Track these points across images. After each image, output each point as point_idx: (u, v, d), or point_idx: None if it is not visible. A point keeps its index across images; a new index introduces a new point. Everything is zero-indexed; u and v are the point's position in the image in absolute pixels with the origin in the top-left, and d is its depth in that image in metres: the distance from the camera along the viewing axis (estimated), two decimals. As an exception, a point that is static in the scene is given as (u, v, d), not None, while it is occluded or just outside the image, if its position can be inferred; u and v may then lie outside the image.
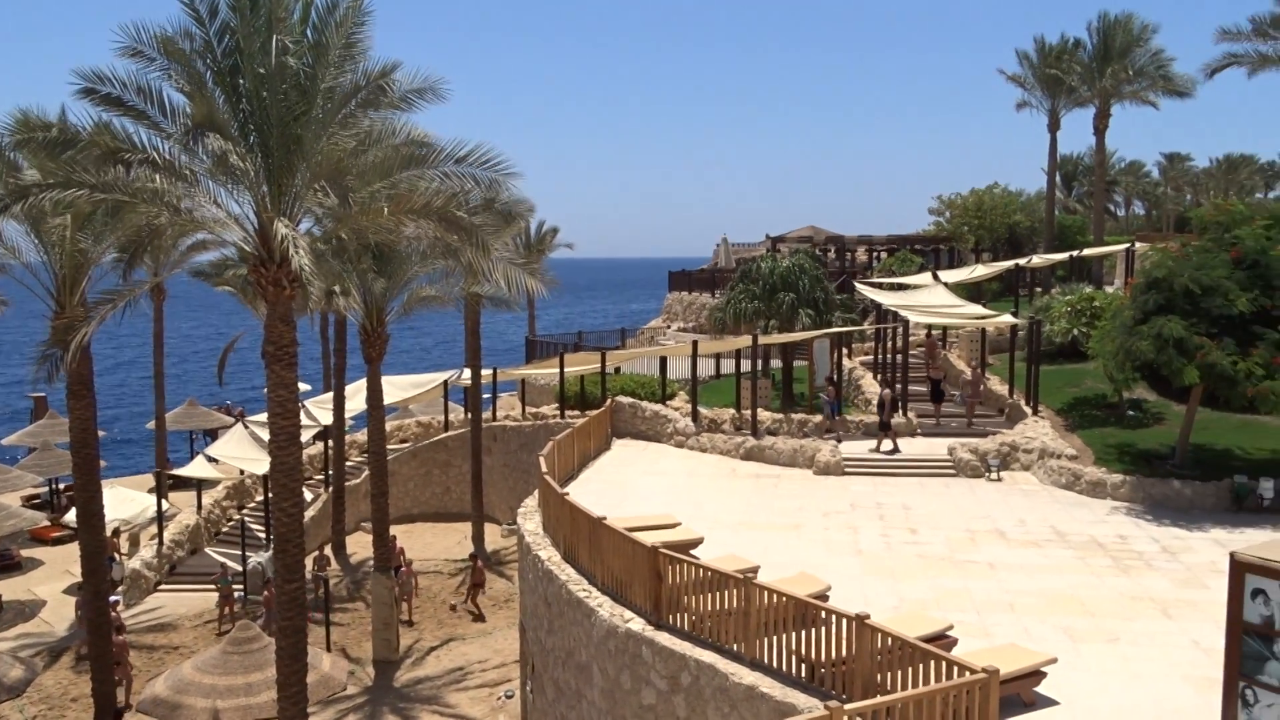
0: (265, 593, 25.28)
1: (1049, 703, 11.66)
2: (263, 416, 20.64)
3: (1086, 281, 42.75)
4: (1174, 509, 20.52)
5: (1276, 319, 19.80)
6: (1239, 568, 8.71)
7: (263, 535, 30.83)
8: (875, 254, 57.87)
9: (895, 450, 24.94)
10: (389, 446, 34.43)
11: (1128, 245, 43.57)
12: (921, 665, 10.48)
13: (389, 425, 36.34)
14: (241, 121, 15.34)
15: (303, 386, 31.55)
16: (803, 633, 11.89)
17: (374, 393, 26.47)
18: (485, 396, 36.01)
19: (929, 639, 11.71)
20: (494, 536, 33.01)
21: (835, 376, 28.59)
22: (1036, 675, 11.76)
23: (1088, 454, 23.40)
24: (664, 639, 13.38)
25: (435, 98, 16.14)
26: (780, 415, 28.09)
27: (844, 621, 11.30)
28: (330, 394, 34.87)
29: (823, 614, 11.74)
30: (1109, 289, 37.93)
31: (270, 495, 19.75)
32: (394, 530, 28.13)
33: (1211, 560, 16.99)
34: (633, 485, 22.91)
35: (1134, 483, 21.32)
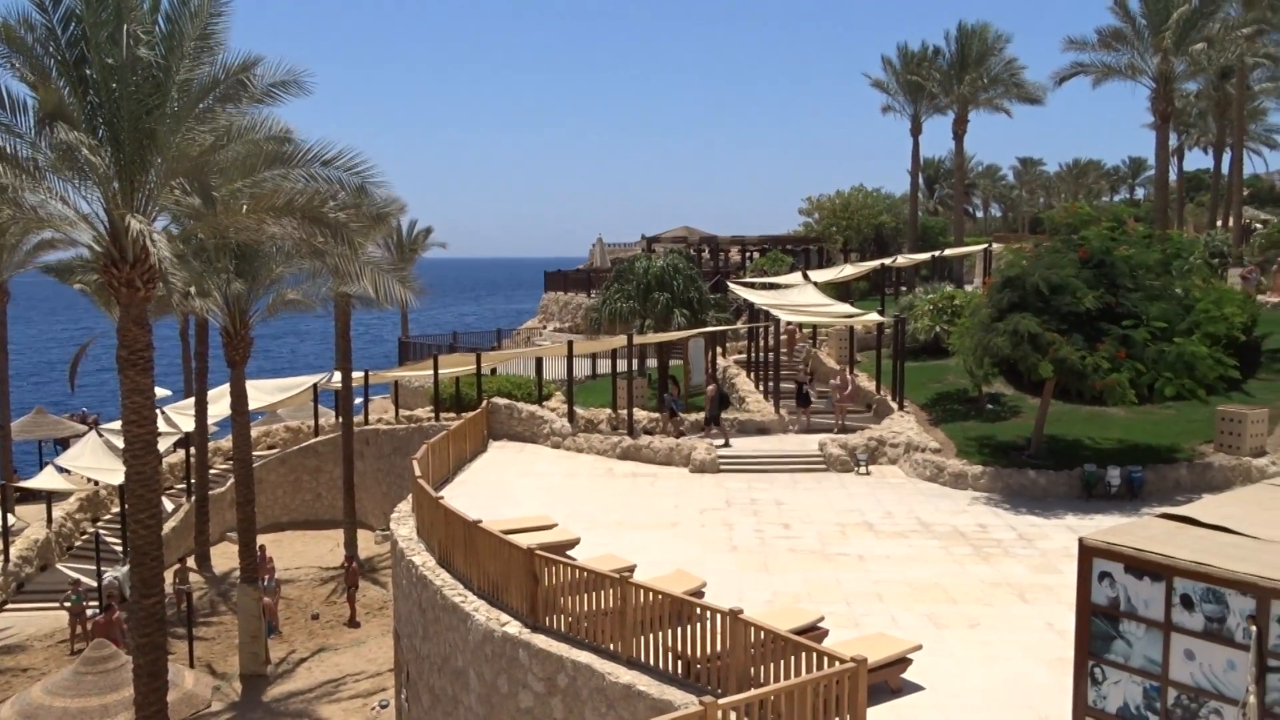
0: (99, 616, 23.46)
1: (915, 688, 12.06)
2: (118, 424, 19.68)
3: (948, 281, 44.43)
4: (1030, 498, 21.49)
5: (1120, 315, 20.93)
6: (1087, 552, 9.15)
7: (119, 548, 29.38)
8: (748, 254, 58.87)
9: (726, 444, 25.47)
10: (256, 453, 33.30)
11: (986, 246, 45.53)
12: (793, 657, 10.69)
13: (256, 431, 35.14)
14: (90, 114, 14.60)
15: (161, 392, 30.20)
16: (679, 630, 11.99)
17: (238, 398, 25.57)
18: (357, 400, 35.15)
19: (801, 631, 11.96)
20: (367, 543, 32.27)
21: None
22: (903, 662, 12.15)
23: (950, 447, 24.30)
24: (541, 641, 13.31)
25: (299, 90, 15.69)
26: (657, 414, 28.31)
27: (718, 617, 11.45)
28: (192, 399, 33.50)
29: (698, 610, 11.88)
30: (969, 288, 39.52)
31: (126, 506, 18.83)
32: (262, 539, 27.22)
33: (1064, 546, 17.84)
34: (509, 487, 22.72)
35: (993, 473, 22.24)
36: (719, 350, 35.71)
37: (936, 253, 45.52)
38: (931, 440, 24.63)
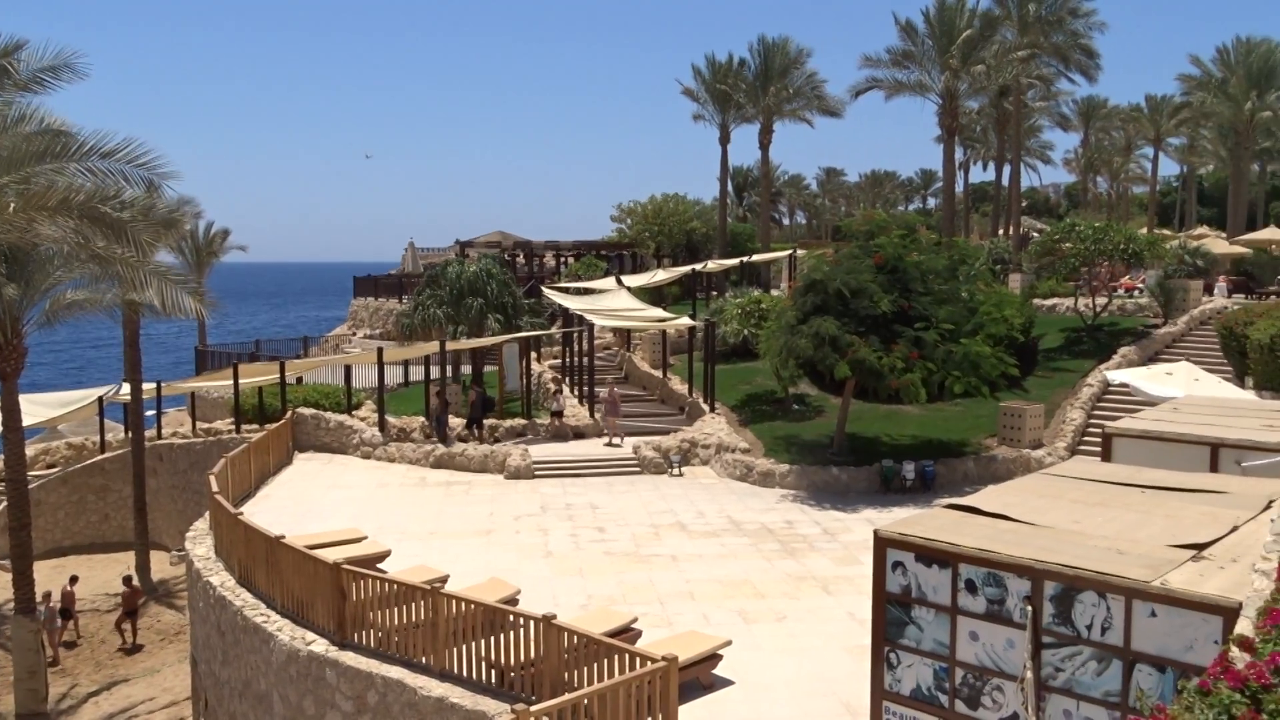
0: None
1: (726, 683, 12.32)
2: None
3: (756, 285, 45.82)
4: (833, 493, 22.41)
5: (912, 318, 22.13)
6: (881, 543, 9.58)
7: None
8: (563, 259, 58.98)
9: (481, 444, 25.45)
10: (33, 473, 30.71)
11: (791, 251, 47.24)
12: (607, 660, 10.72)
13: (33, 449, 32.46)
14: None
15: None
16: (493, 639, 11.82)
17: (10, 413, 23.41)
18: (149, 413, 33.00)
19: (615, 633, 12.02)
20: (162, 565, 30.31)
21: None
22: (714, 658, 12.39)
23: (759, 447, 25.06)
24: (349, 658, 12.84)
25: (72, 75, 14.60)
26: (483, 419, 27.88)
27: (532, 624, 11.36)
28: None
29: (511, 618, 11.76)
30: (775, 292, 40.87)
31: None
32: (45, 566, 25.12)
33: (864, 539, 18.61)
34: (316, 500, 21.87)
35: (799, 471, 23.08)
36: (534, 355, 35.59)
37: (745, 258, 46.89)
38: (741, 441, 25.32)
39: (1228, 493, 10.02)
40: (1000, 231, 57.06)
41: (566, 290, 39.05)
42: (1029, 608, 8.37)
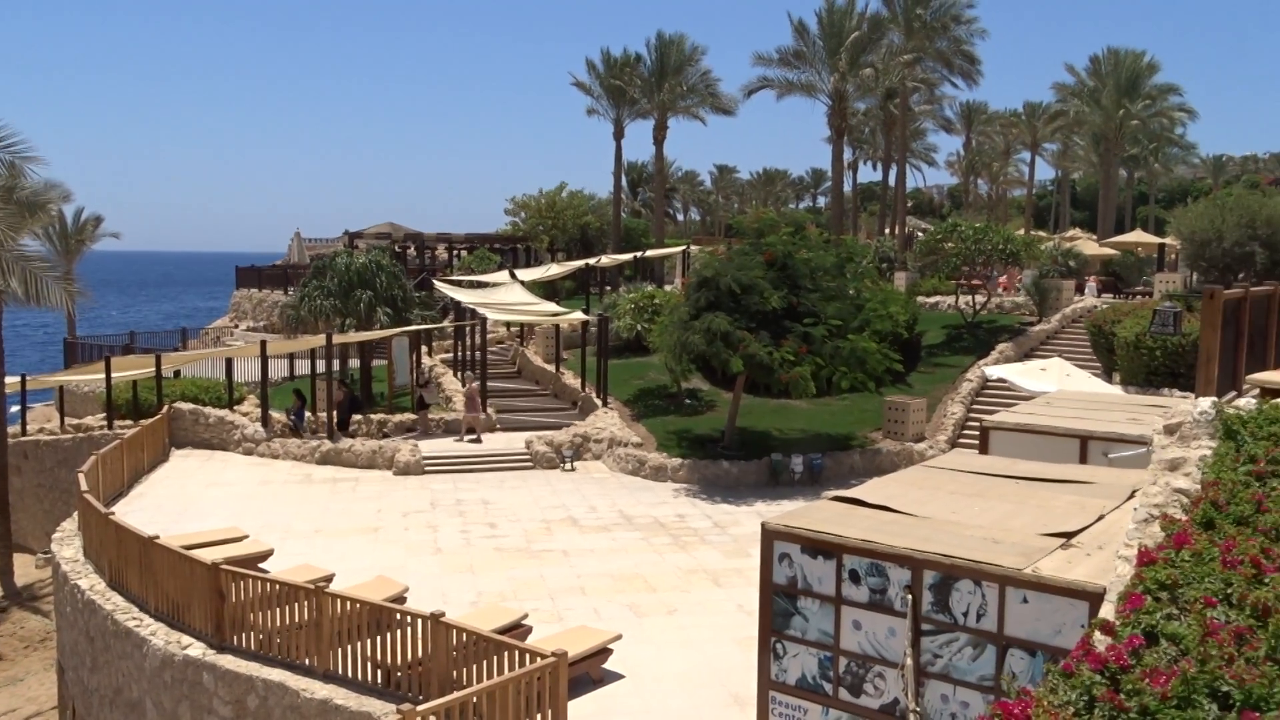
0: None
1: (616, 677, 12.34)
2: None
3: (650, 280, 46.06)
4: (724, 487, 22.67)
5: (802, 314, 22.52)
6: (768, 536, 9.70)
7: None
8: (455, 252, 58.28)
9: (350, 447, 24.78)
10: (-116, 472, 28.89)
11: (685, 247, 47.65)
12: (496, 657, 10.62)
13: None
14: None
15: None
16: (379, 638, 11.59)
17: None
18: (14, 409, 31.34)
19: (504, 630, 11.92)
20: (26, 568, 28.82)
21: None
22: (604, 653, 12.39)
23: (651, 441, 25.18)
24: (228, 662, 12.42)
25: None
26: (359, 416, 27.32)
27: (419, 622, 11.17)
28: None
29: (398, 616, 11.55)
30: (669, 288, 41.14)
31: None
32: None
33: (754, 531, 18.69)
34: (195, 499, 21.12)
35: (691, 465, 23.27)
36: (425, 349, 35.06)
37: (639, 253, 47.08)
38: (634, 435, 25.40)
39: (1095, 483, 10.46)
40: (887, 230, 58.60)
41: (459, 283, 38.57)
42: (909, 596, 8.59)
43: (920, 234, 57.49)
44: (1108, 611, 5.44)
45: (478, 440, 25.93)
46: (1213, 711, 4.06)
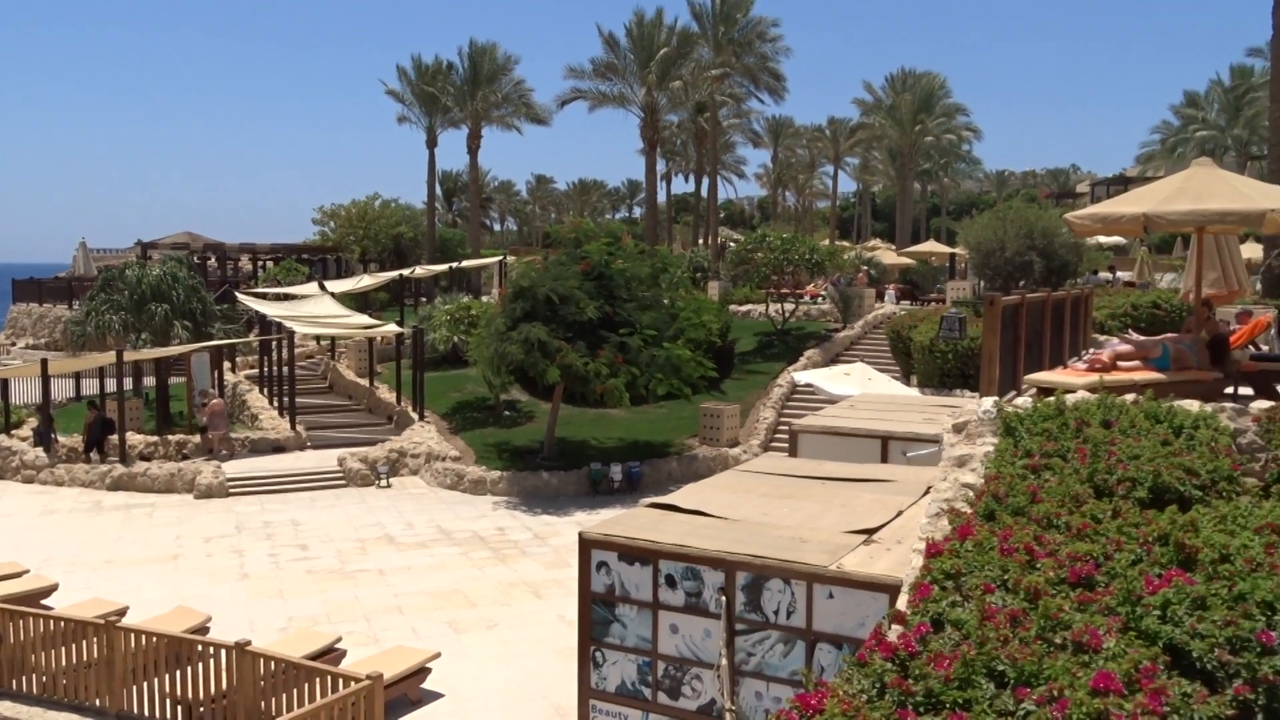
0: None
1: (435, 696, 12.09)
2: None
3: (466, 291, 45.51)
4: (544, 498, 22.62)
5: (618, 324, 22.78)
6: (586, 545, 9.75)
7: None
8: (260, 263, 55.85)
9: (109, 469, 23.57)
10: None
11: (501, 258, 47.34)
12: (308, 684, 10.21)
13: None
14: None
15: None
16: (178, 672, 10.95)
17: None
18: None
19: (316, 655, 11.50)
20: None
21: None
22: (422, 672, 12.12)
23: (470, 454, 24.86)
24: (5, 708, 11.45)
25: None
26: (155, 437, 25.77)
27: (223, 652, 10.64)
28: None
29: (199, 648, 10.96)
30: (486, 299, 40.78)
31: None
32: None
33: (574, 541, 18.62)
34: (-33, 532, 19.37)
35: (510, 477, 23.11)
36: (229, 365, 33.43)
37: (454, 264, 46.43)
38: (452, 449, 25.02)
39: (895, 481, 11.03)
40: (700, 241, 60.04)
41: (264, 296, 37.01)
42: (723, 598, 8.81)
43: (732, 244, 59.21)
44: (904, 603, 5.74)
45: (230, 457, 24.89)
46: (990, 689, 4.35)
